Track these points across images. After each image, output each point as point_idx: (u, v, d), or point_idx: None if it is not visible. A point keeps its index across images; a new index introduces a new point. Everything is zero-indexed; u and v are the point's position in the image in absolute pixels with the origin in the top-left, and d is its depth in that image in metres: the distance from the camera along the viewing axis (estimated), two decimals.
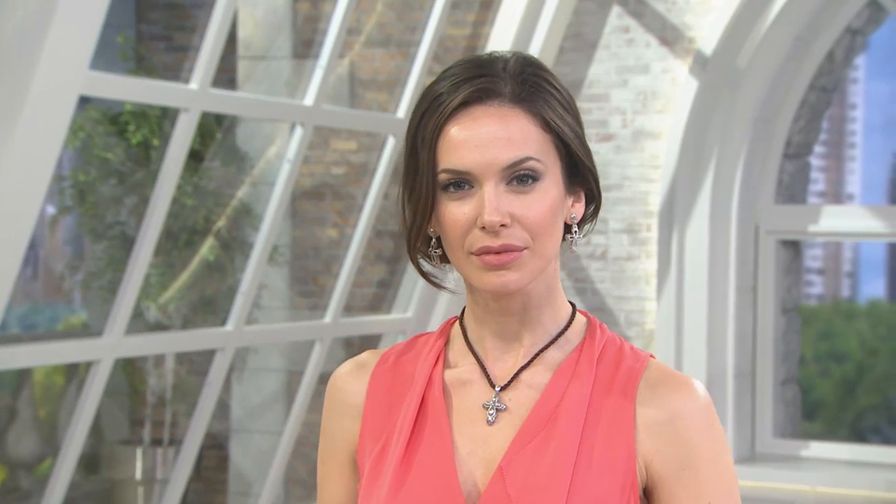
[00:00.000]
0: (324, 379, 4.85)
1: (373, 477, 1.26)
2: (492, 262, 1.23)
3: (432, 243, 1.28)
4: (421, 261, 1.30)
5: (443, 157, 1.24)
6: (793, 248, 4.84)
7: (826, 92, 4.82)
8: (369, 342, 4.92)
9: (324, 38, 4.33)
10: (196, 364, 4.89)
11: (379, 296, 4.93)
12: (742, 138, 4.62)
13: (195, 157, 4.63)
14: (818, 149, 5.24)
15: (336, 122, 4.50)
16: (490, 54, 1.28)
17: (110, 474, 4.97)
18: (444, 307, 4.82)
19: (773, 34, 4.51)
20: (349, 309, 4.78)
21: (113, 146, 4.69)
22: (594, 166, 1.28)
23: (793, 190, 4.85)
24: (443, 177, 1.24)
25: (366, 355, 1.34)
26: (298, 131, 4.18)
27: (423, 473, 1.23)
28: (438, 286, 1.33)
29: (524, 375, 1.27)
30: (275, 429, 4.97)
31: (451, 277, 1.36)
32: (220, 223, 4.78)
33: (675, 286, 4.53)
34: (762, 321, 4.71)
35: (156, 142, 4.65)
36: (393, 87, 4.83)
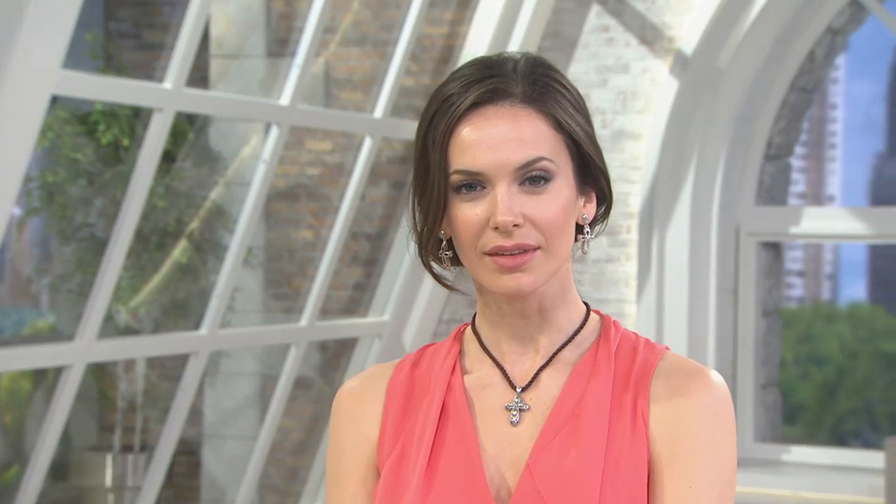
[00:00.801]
0: (299, 383, 4.86)
1: (391, 483, 1.27)
2: (506, 265, 1.24)
3: (443, 245, 1.29)
4: (432, 263, 1.32)
5: (455, 158, 1.25)
6: (773, 250, 4.89)
7: (806, 92, 4.87)
8: (345, 346, 4.93)
9: (298, 37, 4.34)
10: (167, 368, 4.89)
11: (355, 299, 4.94)
12: (723, 139, 4.66)
13: (167, 158, 4.63)
14: (798, 150, 5.29)
15: (313, 123, 4.51)
16: (500, 55, 1.29)
17: (79, 481, 4.96)
18: (421, 310, 4.84)
19: (754, 34, 4.55)
20: (325, 312, 4.79)
21: (82, 146, 4.68)
22: (605, 166, 1.29)
23: (773, 191, 4.89)
24: (455, 178, 1.25)
25: (375, 368, 1.35)
26: (274, 131, 4.19)
27: (451, 477, 1.25)
28: (451, 288, 1.34)
29: (544, 375, 1.28)
30: (248, 434, 4.97)
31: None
32: (193, 225, 4.78)
33: (655, 289, 4.56)
34: (743, 324, 4.75)
35: (126, 142, 4.65)
36: (369, 86, 4.84)
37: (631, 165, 4.60)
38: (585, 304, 1.33)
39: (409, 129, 4.74)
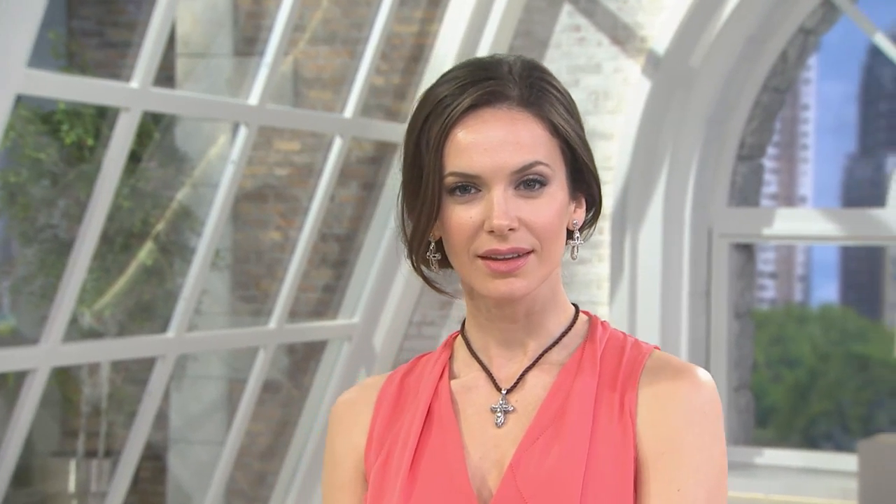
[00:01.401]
0: (268, 386, 4.86)
1: (377, 489, 1.28)
2: (499, 269, 1.25)
3: (431, 248, 1.29)
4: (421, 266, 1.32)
5: (450, 161, 1.25)
6: (746, 251, 4.93)
7: (779, 92, 4.91)
8: (314, 348, 4.94)
9: (266, 35, 4.35)
10: (132, 372, 4.88)
11: (324, 301, 4.95)
12: (695, 139, 4.69)
13: (132, 158, 4.62)
14: (770, 151, 5.34)
15: (282, 122, 4.52)
16: (492, 57, 1.30)
17: (42, 487, 4.94)
18: (391, 312, 4.85)
19: (726, 34, 4.59)
20: (293, 314, 4.79)
21: (45, 146, 4.67)
22: (597, 172, 1.31)
23: (746, 192, 4.93)
24: (450, 180, 1.25)
25: (370, 379, 1.37)
26: (243, 131, 4.19)
27: (433, 479, 1.26)
28: (441, 291, 1.34)
29: (529, 376, 1.29)
30: (216, 439, 4.97)
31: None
32: (159, 226, 4.78)
33: (627, 291, 4.59)
34: (715, 326, 4.79)
35: (91, 142, 4.64)
36: (338, 85, 4.85)
37: (603, 166, 4.62)
38: (575, 305, 1.34)
39: (379, 128, 4.75)
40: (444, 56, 4.72)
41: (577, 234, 1.30)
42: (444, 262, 1.31)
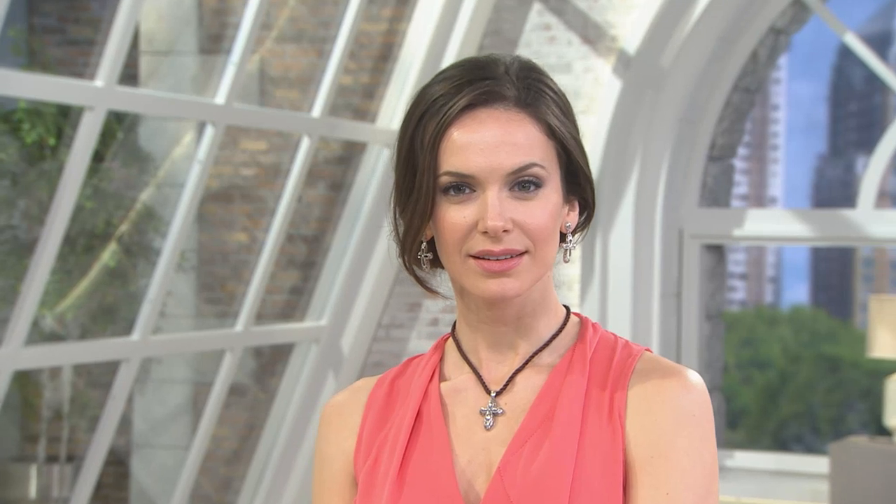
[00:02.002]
0: (234, 390, 4.85)
1: (366, 492, 1.29)
2: (492, 269, 1.25)
3: (423, 247, 1.30)
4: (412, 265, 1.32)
5: (445, 160, 1.26)
6: (717, 252, 4.96)
7: (749, 92, 4.95)
8: (281, 351, 4.93)
9: (231, 33, 4.35)
10: (95, 376, 4.86)
11: (291, 303, 4.95)
12: (666, 140, 4.72)
13: (94, 158, 4.60)
14: (741, 151, 5.38)
15: (249, 122, 4.51)
16: (488, 56, 1.30)
17: (2, 493, 4.91)
18: (360, 315, 4.85)
19: (697, 33, 4.62)
20: (260, 317, 4.79)
21: (5, 146, 4.64)
22: (591, 175, 1.31)
23: (716, 193, 4.97)
24: (444, 179, 1.26)
25: (361, 382, 1.37)
26: (209, 131, 4.19)
27: (421, 482, 1.27)
28: (432, 292, 1.34)
29: (519, 378, 1.30)
30: (180, 443, 4.95)
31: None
32: (123, 227, 4.76)
33: (598, 292, 4.62)
34: (686, 328, 4.82)
35: (52, 141, 4.62)
36: (306, 84, 4.85)
37: None
38: (566, 307, 1.35)
39: (347, 128, 4.75)
40: (412, 55, 4.74)
41: (569, 237, 1.31)
42: (436, 262, 1.31)
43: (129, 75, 4.85)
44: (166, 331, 4.74)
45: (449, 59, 4.69)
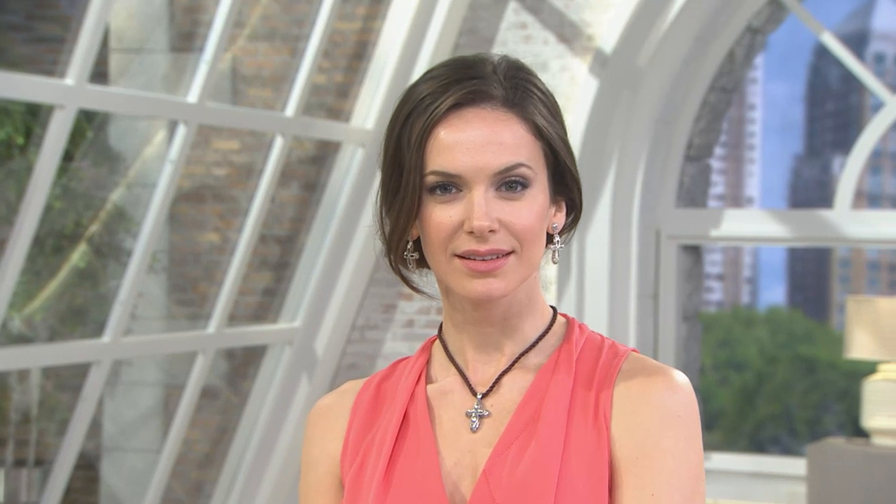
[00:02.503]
0: (206, 392, 4.85)
1: (353, 495, 1.30)
2: (478, 269, 1.26)
3: (409, 247, 1.30)
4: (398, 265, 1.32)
5: (431, 159, 1.26)
6: (693, 253, 4.99)
7: (726, 92, 4.98)
8: (254, 353, 4.93)
9: (203, 31, 4.34)
10: (64, 378, 4.85)
11: (264, 304, 4.94)
12: (643, 140, 4.74)
13: (64, 157, 4.59)
14: (717, 151, 5.41)
15: (222, 121, 4.51)
16: (476, 55, 1.31)
17: None
18: (334, 316, 4.85)
19: (674, 32, 4.64)
20: (233, 318, 4.78)
21: None
22: (579, 176, 1.32)
23: (693, 193, 4.99)
24: (431, 178, 1.26)
25: (348, 385, 1.38)
26: (182, 130, 4.18)
27: (407, 485, 1.27)
28: (418, 291, 1.35)
29: (505, 380, 1.31)
30: (151, 447, 4.94)
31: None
32: (93, 228, 4.75)
33: (575, 293, 4.63)
34: (664, 329, 4.85)
35: (21, 140, 4.60)
36: (278, 83, 4.85)
37: None
38: (553, 308, 1.36)
39: (321, 127, 4.75)
40: (387, 54, 4.74)
41: (556, 238, 1.32)
42: (422, 262, 1.32)
43: (99, 73, 4.84)
44: (137, 332, 4.73)
45: (424, 57, 4.70)
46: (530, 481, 1.24)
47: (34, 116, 4.53)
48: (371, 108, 4.79)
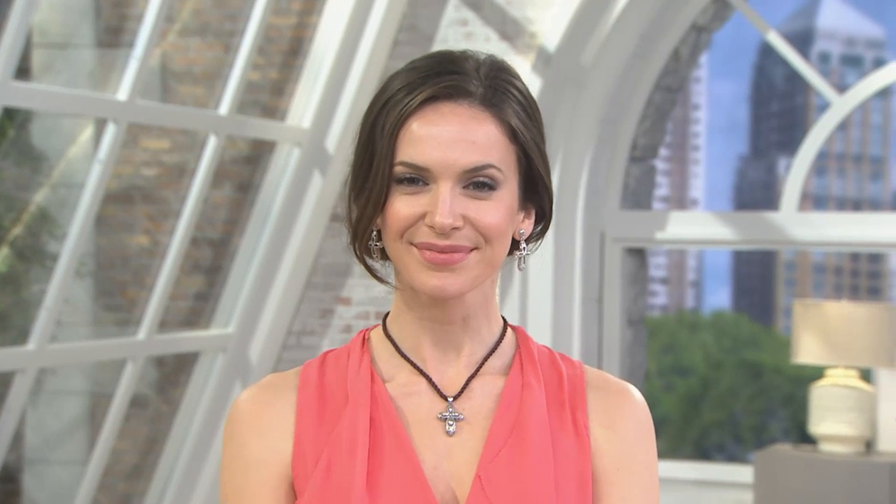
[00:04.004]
0: (135, 401, 4.81)
1: (319, 500, 1.29)
2: (435, 260, 1.28)
3: (373, 236, 1.32)
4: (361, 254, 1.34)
5: (402, 150, 1.28)
6: (638, 256, 5.04)
7: (671, 92, 5.03)
8: (185, 360, 4.91)
9: (132, 26, 4.31)
10: None
11: (196, 310, 4.92)
12: (587, 140, 4.78)
13: None
14: (662, 152, 5.47)
15: (153, 119, 4.48)
16: (462, 52, 1.33)
17: None
18: (269, 322, 4.84)
19: (618, 30, 4.68)
20: (163, 324, 4.76)
21: None
22: (551, 184, 1.34)
23: (638, 195, 5.04)
24: (399, 169, 1.28)
25: (274, 378, 1.35)
26: (111, 129, 4.15)
27: (395, 491, 1.28)
28: (382, 281, 1.35)
29: (475, 384, 1.33)
30: (77, 458, 4.90)
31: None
32: (15, 230, 4.70)
33: (518, 297, 4.66)
34: (608, 334, 4.88)
35: None
36: (211, 80, 4.83)
37: None
38: (502, 317, 1.39)
39: (255, 126, 4.74)
40: (324, 50, 4.74)
41: (523, 245, 1.33)
42: (387, 253, 1.33)
43: (21, 69, 4.79)
44: (62, 340, 4.69)
45: (362, 54, 4.71)
46: (532, 490, 1.28)
47: None
48: (307, 106, 4.79)
